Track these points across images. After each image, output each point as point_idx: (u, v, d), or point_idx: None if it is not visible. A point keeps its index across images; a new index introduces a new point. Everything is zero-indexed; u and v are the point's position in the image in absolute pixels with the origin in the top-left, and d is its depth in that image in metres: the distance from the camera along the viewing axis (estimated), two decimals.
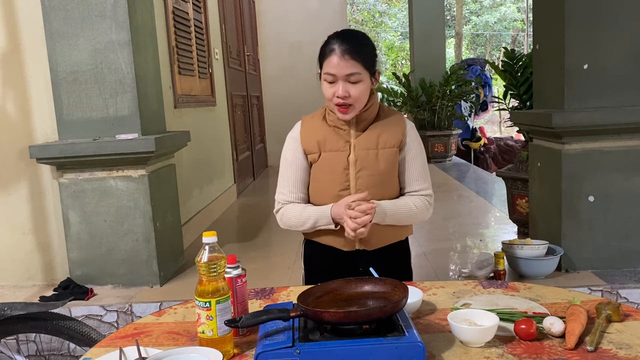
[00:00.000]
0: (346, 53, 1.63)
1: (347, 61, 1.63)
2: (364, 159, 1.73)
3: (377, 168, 1.73)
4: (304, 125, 1.82)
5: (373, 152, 1.73)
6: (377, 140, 1.74)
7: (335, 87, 1.66)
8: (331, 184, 1.75)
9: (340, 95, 1.65)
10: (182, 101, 4.22)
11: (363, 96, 1.69)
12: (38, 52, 3.05)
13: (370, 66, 1.69)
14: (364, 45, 1.70)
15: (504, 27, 23.46)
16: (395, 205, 1.74)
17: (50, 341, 2.76)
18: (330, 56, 1.65)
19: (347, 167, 1.73)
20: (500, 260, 2.92)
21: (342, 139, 1.75)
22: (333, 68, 1.65)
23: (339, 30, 1.73)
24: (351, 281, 1.38)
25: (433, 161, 8.30)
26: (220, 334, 1.26)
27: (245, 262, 1.52)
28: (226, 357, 1.24)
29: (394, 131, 1.75)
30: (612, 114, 2.76)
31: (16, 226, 3.21)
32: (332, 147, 1.75)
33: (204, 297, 1.25)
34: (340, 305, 1.29)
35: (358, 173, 1.73)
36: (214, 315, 1.25)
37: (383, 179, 1.74)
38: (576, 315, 1.29)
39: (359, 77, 1.66)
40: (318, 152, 1.76)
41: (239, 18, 6.61)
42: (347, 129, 1.75)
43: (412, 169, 1.78)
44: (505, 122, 12.13)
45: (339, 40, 1.66)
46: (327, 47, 1.68)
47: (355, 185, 1.73)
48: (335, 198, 1.74)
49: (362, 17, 22.39)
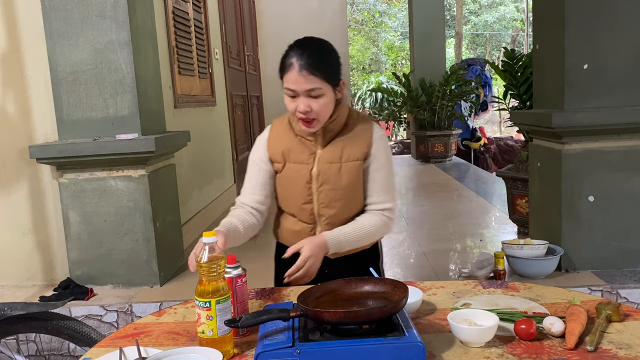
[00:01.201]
0: (304, 68, 1.55)
1: (305, 77, 1.56)
2: (326, 173, 1.67)
3: (340, 182, 1.68)
4: (273, 131, 1.77)
5: (336, 165, 1.67)
6: (342, 153, 1.68)
7: (297, 101, 1.59)
8: (294, 197, 1.72)
9: (301, 110, 1.59)
10: (182, 101, 4.22)
11: (326, 110, 1.62)
12: (38, 52, 3.05)
13: (331, 78, 1.61)
14: (324, 58, 1.61)
15: (503, 27, 23.46)
16: (351, 230, 1.68)
17: (50, 341, 2.76)
18: (289, 71, 1.58)
19: (309, 180, 1.69)
20: (500, 260, 2.92)
21: (308, 150, 1.70)
22: (292, 84, 1.58)
23: (299, 40, 1.64)
24: (351, 281, 1.38)
25: (433, 161, 8.31)
26: (220, 334, 1.26)
27: (245, 262, 1.52)
28: (226, 357, 1.24)
29: (359, 143, 1.69)
30: (612, 114, 2.76)
31: (16, 226, 3.21)
32: (296, 158, 1.70)
33: (203, 297, 1.25)
34: (340, 305, 1.29)
35: (320, 187, 1.68)
36: (214, 315, 1.25)
37: (346, 193, 1.69)
38: (576, 315, 1.29)
39: (320, 92, 1.58)
40: (283, 162, 1.72)
41: (239, 18, 6.61)
42: (314, 140, 1.70)
43: (374, 181, 1.71)
44: (505, 122, 12.14)
45: (298, 54, 1.57)
46: (286, 59, 1.60)
47: (318, 199, 1.70)
48: (299, 210, 1.72)
49: (362, 17, 22.40)
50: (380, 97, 14.41)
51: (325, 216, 1.71)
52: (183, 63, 4.27)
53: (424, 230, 4.40)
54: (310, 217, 1.73)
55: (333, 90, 1.63)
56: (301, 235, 1.74)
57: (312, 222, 1.74)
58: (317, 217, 1.72)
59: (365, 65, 21.47)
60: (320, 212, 1.71)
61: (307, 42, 1.63)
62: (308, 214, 1.73)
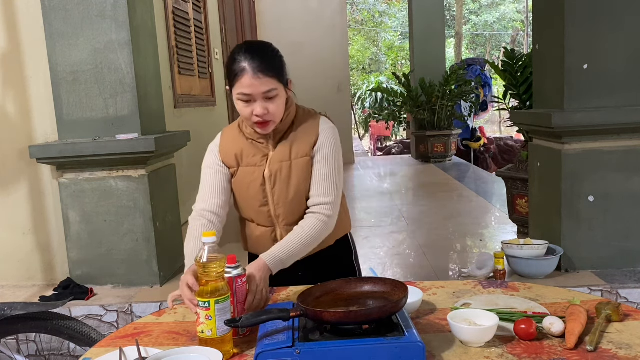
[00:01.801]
0: (259, 71, 1.54)
1: (261, 79, 1.54)
2: (277, 173, 1.66)
3: (291, 181, 1.66)
4: (224, 138, 1.75)
5: (286, 164, 1.66)
6: (291, 151, 1.67)
7: (252, 106, 1.57)
8: (250, 200, 1.70)
9: (259, 113, 1.57)
10: (182, 101, 4.22)
11: (281, 110, 1.62)
12: (38, 52, 3.05)
13: (283, 78, 1.61)
14: (274, 58, 1.61)
15: (503, 27, 23.47)
16: (288, 244, 1.61)
17: (50, 341, 2.76)
18: (242, 76, 1.54)
19: (263, 183, 1.68)
20: (500, 260, 2.92)
21: (260, 152, 1.69)
22: (247, 88, 1.55)
23: (243, 44, 1.62)
24: (351, 281, 1.38)
25: (433, 161, 8.31)
26: (220, 334, 1.26)
27: (246, 262, 1.52)
28: (226, 357, 1.24)
29: (306, 139, 1.68)
30: (612, 114, 2.76)
31: (16, 226, 3.21)
32: (249, 161, 1.69)
33: (203, 297, 1.26)
34: (340, 305, 1.29)
35: (274, 188, 1.67)
36: (213, 315, 1.25)
37: (298, 190, 1.67)
38: (576, 315, 1.29)
39: (276, 92, 1.58)
40: (236, 166, 1.70)
41: (239, 18, 6.62)
42: (265, 142, 1.69)
43: (315, 172, 1.68)
44: (505, 122, 12.15)
45: (249, 57, 1.55)
46: (235, 65, 1.56)
47: (273, 200, 1.69)
48: (257, 214, 1.71)
49: (362, 17, 22.40)
50: (380, 97, 14.41)
51: (282, 216, 1.70)
52: (183, 63, 4.27)
53: (424, 230, 4.40)
54: (269, 220, 1.72)
55: (285, 90, 1.64)
56: (263, 239, 1.73)
57: (270, 224, 1.73)
58: (275, 219, 1.71)
59: (365, 65, 21.47)
60: (277, 213, 1.70)
61: (254, 45, 1.62)
62: (266, 217, 1.71)
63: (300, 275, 1.72)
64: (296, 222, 1.69)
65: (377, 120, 10.74)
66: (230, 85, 1.61)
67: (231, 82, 1.60)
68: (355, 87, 18.35)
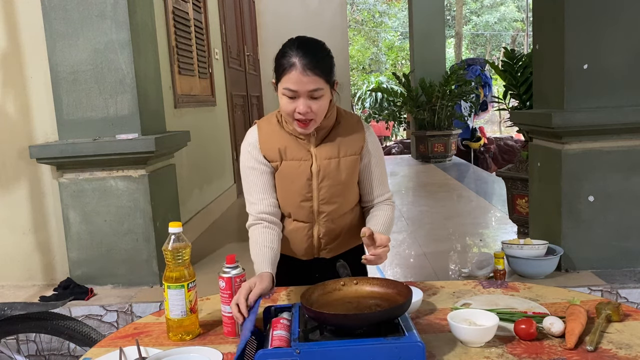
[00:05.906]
0: (308, 68, 1.51)
1: (309, 77, 1.52)
2: (325, 169, 1.66)
3: (339, 177, 1.68)
4: (262, 131, 1.71)
5: (335, 161, 1.67)
6: (339, 148, 1.68)
7: (296, 102, 1.55)
8: (293, 194, 1.69)
9: (301, 111, 1.55)
10: (182, 101, 4.22)
11: (324, 110, 1.60)
12: (38, 52, 3.05)
13: (331, 79, 1.59)
14: (325, 57, 1.59)
15: (503, 27, 23.46)
16: (385, 224, 1.70)
17: (50, 341, 2.76)
18: (290, 71, 1.52)
19: (310, 177, 1.67)
20: (500, 260, 2.92)
21: (303, 148, 1.68)
22: (294, 84, 1.53)
23: (295, 39, 1.59)
24: (355, 281, 1.38)
25: (433, 161, 8.31)
26: (172, 316, 1.38)
27: (245, 262, 1.52)
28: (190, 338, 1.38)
29: (354, 138, 1.70)
30: (612, 114, 2.76)
31: (16, 226, 3.21)
32: (293, 155, 1.67)
33: (168, 281, 1.39)
34: (342, 306, 1.29)
35: (321, 183, 1.67)
36: (167, 297, 1.38)
37: (344, 188, 1.70)
38: (576, 315, 1.29)
39: (322, 92, 1.55)
40: (279, 160, 1.68)
41: (239, 18, 6.61)
42: (306, 139, 1.67)
43: (375, 175, 1.75)
44: (505, 122, 12.14)
45: (300, 53, 1.52)
46: (285, 59, 1.54)
47: (318, 196, 1.68)
48: (297, 208, 1.70)
49: (362, 17, 22.39)
50: (380, 97, 14.39)
51: (325, 213, 1.70)
52: (183, 63, 4.27)
53: (424, 230, 4.40)
54: (309, 216, 1.71)
55: (331, 91, 1.62)
56: (298, 235, 1.74)
57: (309, 220, 1.72)
58: (316, 215, 1.71)
59: (365, 65, 21.46)
60: (320, 209, 1.70)
61: (306, 41, 1.60)
62: (307, 212, 1.71)
63: (317, 277, 1.69)
64: (335, 219, 1.72)
65: (377, 120, 10.72)
66: (277, 78, 1.59)
67: (278, 76, 1.58)
68: (355, 87, 18.34)
